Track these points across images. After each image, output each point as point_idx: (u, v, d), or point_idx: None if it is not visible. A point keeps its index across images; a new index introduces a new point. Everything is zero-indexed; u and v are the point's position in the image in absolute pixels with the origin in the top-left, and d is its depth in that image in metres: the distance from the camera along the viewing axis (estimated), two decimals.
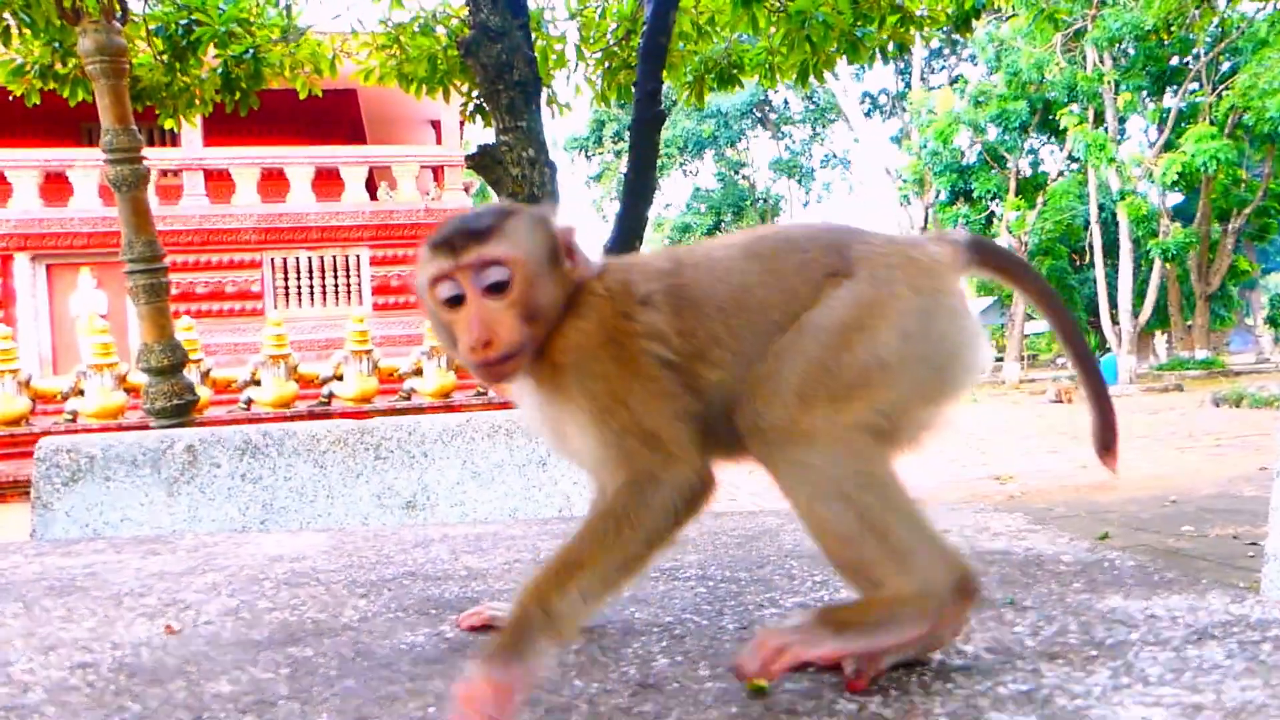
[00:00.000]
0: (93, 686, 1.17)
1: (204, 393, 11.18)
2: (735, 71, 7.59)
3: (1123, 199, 25.03)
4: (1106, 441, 1.33)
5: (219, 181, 16.32)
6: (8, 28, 5.53)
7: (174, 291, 6.26)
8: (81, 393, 11.36)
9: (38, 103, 6.58)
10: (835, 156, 42.44)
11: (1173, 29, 23.19)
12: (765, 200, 41.90)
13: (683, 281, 1.16)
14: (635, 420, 1.09)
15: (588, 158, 40.45)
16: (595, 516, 1.09)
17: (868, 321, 1.09)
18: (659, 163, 6.19)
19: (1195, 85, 25.73)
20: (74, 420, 11.13)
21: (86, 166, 15.28)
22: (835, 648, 1.05)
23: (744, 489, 7.19)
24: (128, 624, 1.47)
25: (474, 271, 1.09)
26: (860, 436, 1.08)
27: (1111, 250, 28.03)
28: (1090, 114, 26.03)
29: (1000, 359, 31.79)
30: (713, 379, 1.13)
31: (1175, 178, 23.16)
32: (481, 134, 13.77)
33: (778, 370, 1.09)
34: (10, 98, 6.56)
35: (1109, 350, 26.67)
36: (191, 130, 14.22)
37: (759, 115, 40.08)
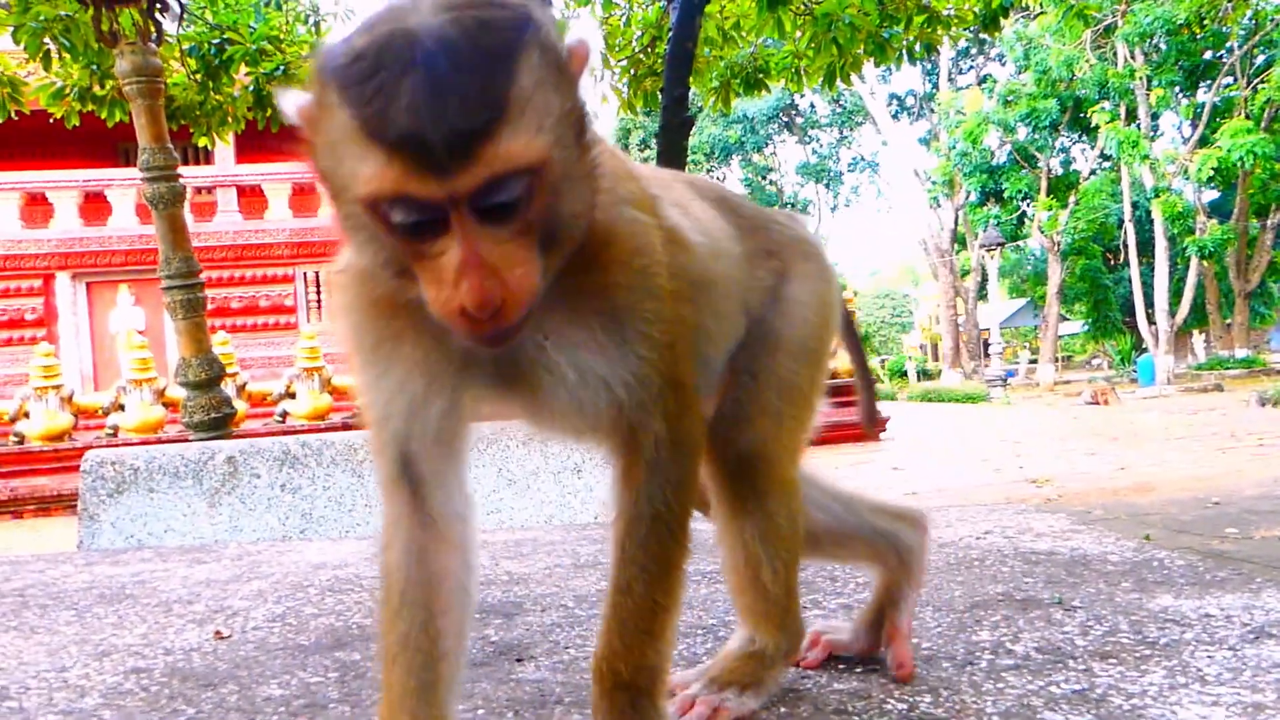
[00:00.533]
0: (147, 691, 1.19)
1: (240, 406, 11.33)
2: (761, 76, 7.57)
3: (1157, 196, 24.66)
4: (870, 416, 1.31)
5: (252, 197, 16.54)
6: (48, 52, 5.64)
7: (209, 307, 6.35)
8: (122, 407, 11.54)
9: (77, 124, 6.71)
10: (863, 159, 42.19)
11: (1205, 22, 22.84)
12: (793, 205, 41.77)
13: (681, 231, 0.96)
14: (678, 378, 0.89)
15: None
16: (638, 537, 0.94)
17: (825, 338, 1.08)
18: (687, 169, 6.18)
19: (1230, 79, 25.32)
20: (115, 435, 11.31)
21: (124, 185, 15.54)
22: (750, 706, 1.02)
23: None
24: (178, 630, 1.50)
25: (473, 195, 0.69)
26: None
27: (1146, 249, 27.62)
28: (1122, 111, 25.69)
29: (1034, 361, 31.42)
30: (708, 352, 1.01)
31: (1211, 174, 22.78)
32: None
33: (771, 399, 1.04)
34: (50, 120, 6.69)
35: (1145, 351, 26.27)
36: (224, 148, 14.43)
37: (786, 120, 39.97)
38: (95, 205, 16.17)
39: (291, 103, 0.79)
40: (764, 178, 41.84)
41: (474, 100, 0.66)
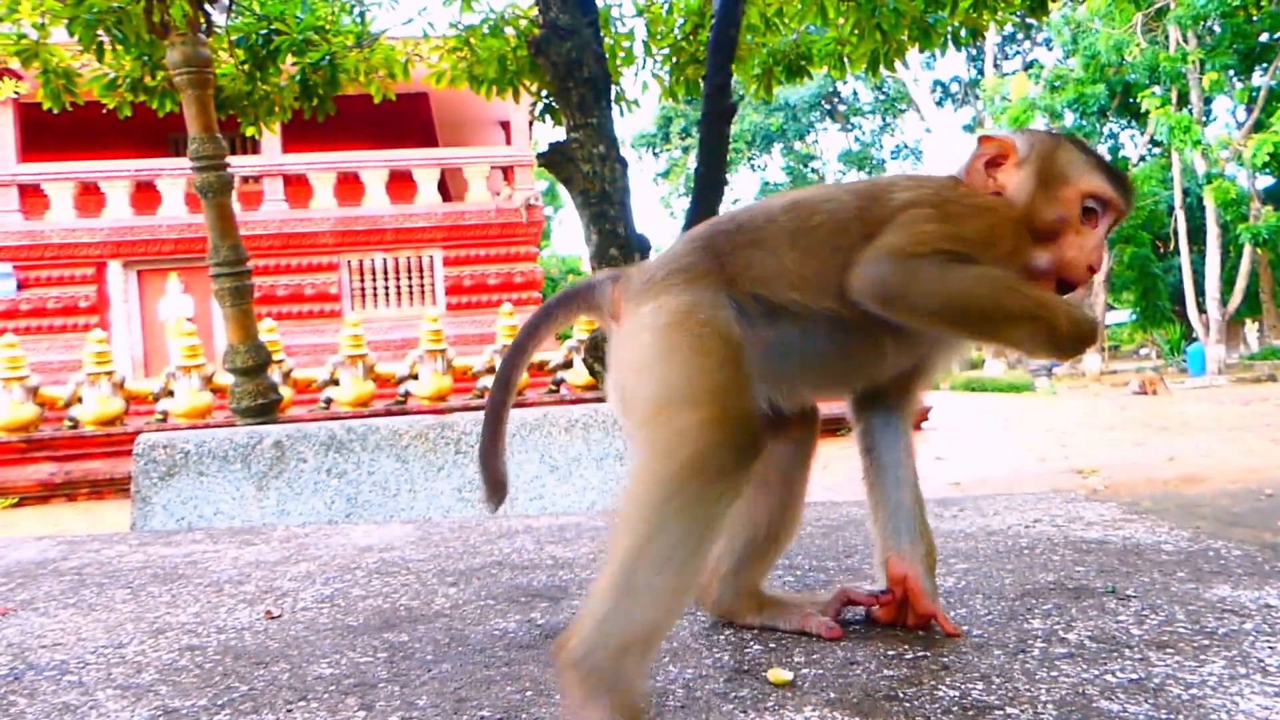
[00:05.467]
0: (201, 668, 1.21)
1: (286, 393, 11.50)
2: (804, 63, 7.49)
3: (1209, 183, 24.06)
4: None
5: (297, 186, 16.75)
6: (101, 43, 5.75)
7: (256, 294, 6.46)
8: (171, 393, 11.78)
9: (129, 115, 6.83)
10: (906, 147, 41.69)
11: (1262, 4, 22.20)
12: None
13: None
14: None
15: (655, 154, 40.45)
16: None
17: None
18: (728, 157, 6.15)
19: None
20: (165, 420, 11.54)
21: (173, 175, 15.82)
22: None
23: (817, 481, 7.12)
24: (230, 609, 1.52)
25: (1120, 216, 1.20)
26: None
27: (1197, 236, 27.01)
28: (1173, 96, 25.09)
29: None
30: None
31: (1266, 159, 22.18)
32: (550, 134, 13.90)
33: None
34: (103, 111, 6.82)
35: (1195, 340, 25.72)
36: (271, 137, 14.62)
37: (828, 107, 39.60)
38: (146, 195, 16.50)
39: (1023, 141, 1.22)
40: (806, 165, 41.53)
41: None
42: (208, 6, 5.40)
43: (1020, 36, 34.77)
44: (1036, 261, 1.14)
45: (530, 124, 17.26)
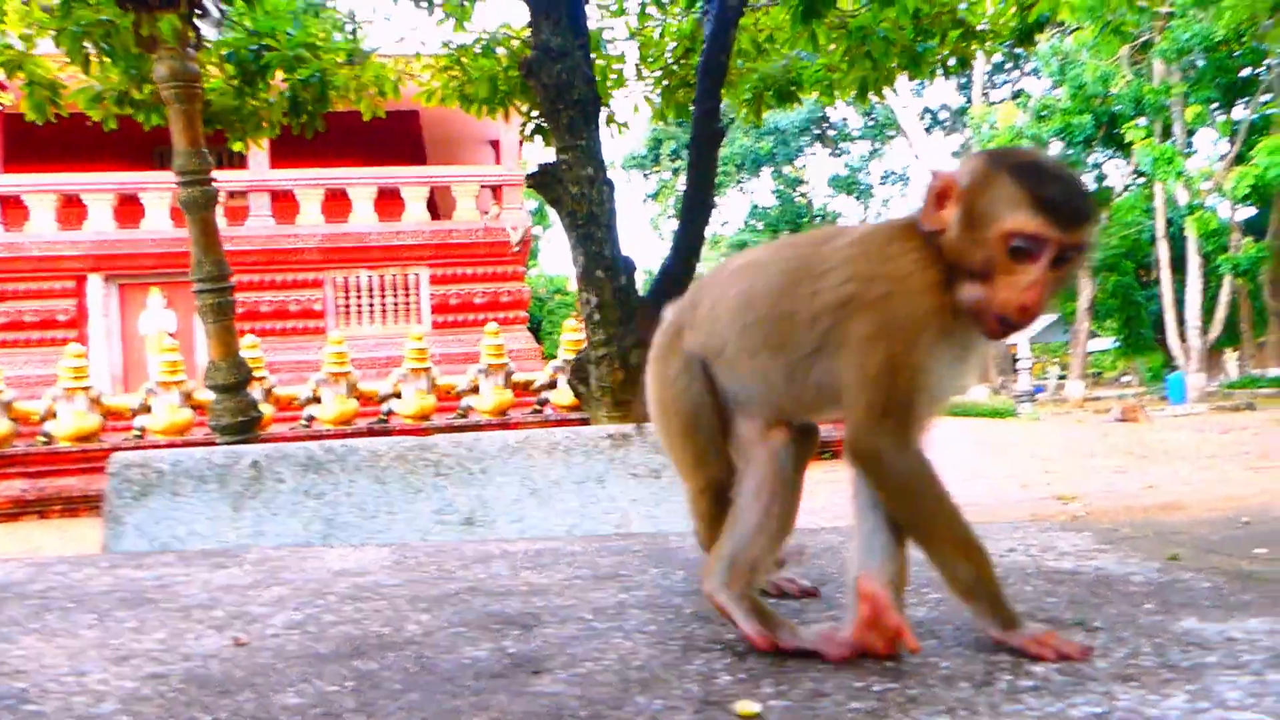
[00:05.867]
0: (164, 697, 1.20)
1: (267, 410, 11.43)
2: (794, 88, 7.56)
3: (1191, 213, 24.35)
4: None
5: (284, 202, 16.74)
6: (88, 56, 5.74)
7: (239, 310, 6.42)
8: (150, 409, 11.70)
9: (114, 128, 6.82)
10: (895, 173, 42.06)
11: (1244, 39, 22.54)
12: (823, 218, 41.65)
13: None
14: None
15: (645, 176, 40.64)
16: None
17: None
18: (716, 180, 6.18)
19: (1267, 96, 24.99)
20: (142, 436, 11.46)
21: (158, 189, 15.79)
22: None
23: (803, 505, 7.11)
24: (197, 636, 1.51)
25: (1067, 248, 1.11)
26: None
27: (1179, 266, 27.28)
28: (1157, 127, 25.43)
29: (1064, 377, 31.07)
30: None
31: (1246, 191, 22.48)
32: (540, 153, 13.95)
33: None
34: (88, 123, 6.80)
35: (1176, 368, 25.93)
36: (259, 152, 14.63)
37: (817, 132, 39.92)
38: (129, 208, 16.44)
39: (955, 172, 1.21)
40: (794, 189, 41.79)
41: (1088, 208, 1.13)
42: (198, 21, 5.41)
43: (1009, 66, 35.20)
44: (967, 297, 1.15)
45: (520, 144, 17.30)
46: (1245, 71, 25.61)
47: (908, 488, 1.21)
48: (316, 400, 12.13)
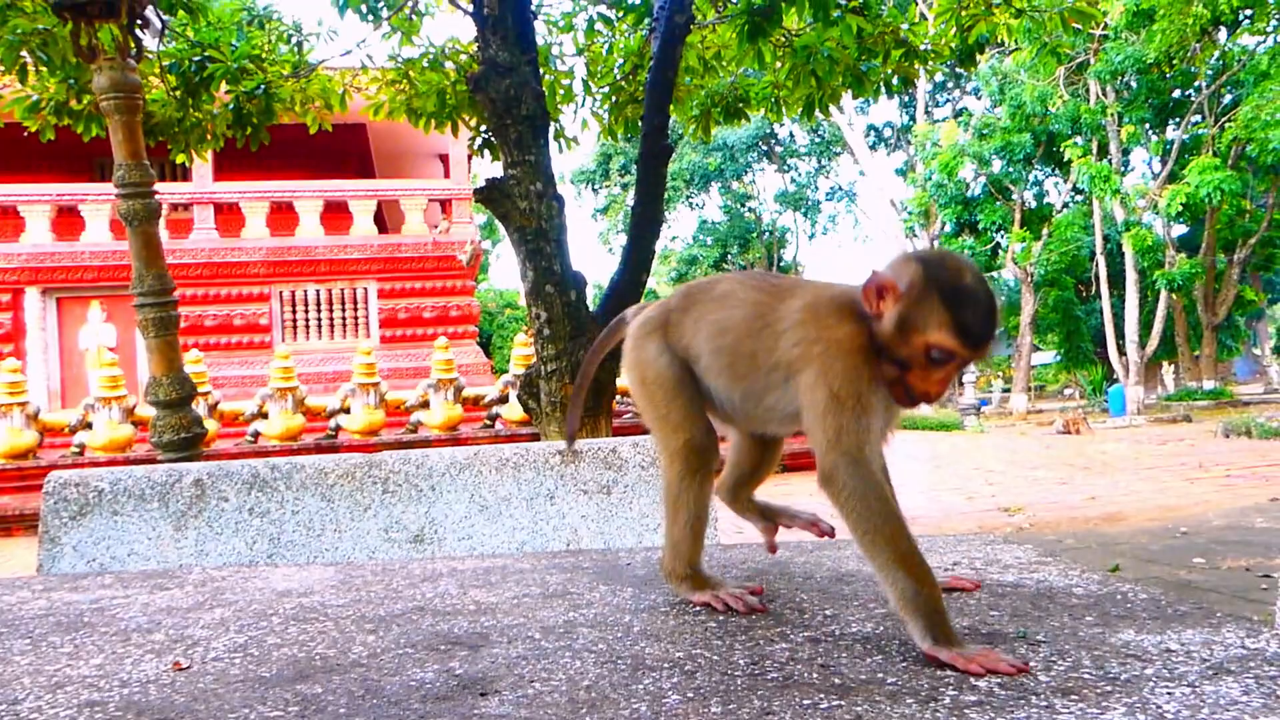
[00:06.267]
0: None
1: (212, 426, 11.20)
2: (741, 105, 7.65)
3: (1127, 230, 25.05)
4: None
5: (229, 215, 16.46)
6: (24, 65, 5.60)
7: (183, 324, 6.29)
8: (89, 426, 11.39)
9: (52, 138, 6.66)
10: (841, 189, 42.60)
11: (1175, 62, 23.31)
12: (771, 233, 42.04)
13: None
14: None
15: (595, 191, 40.69)
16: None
17: None
18: (665, 195, 6.21)
19: (1198, 117, 25.83)
20: (81, 453, 11.15)
21: (98, 201, 15.43)
22: None
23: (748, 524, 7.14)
24: (135, 661, 1.47)
25: (972, 359, 1.37)
26: None
27: (1117, 281, 28.02)
28: (1094, 146, 26.14)
29: (1008, 390, 31.68)
30: None
31: (1180, 209, 23.19)
32: (489, 168, 13.90)
33: None
34: (25, 134, 6.63)
35: (1116, 380, 26.58)
36: (202, 165, 14.37)
37: (765, 148, 40.31)
38: (68, 220, 16.04)
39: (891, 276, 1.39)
40: (743, 205, 42.13)
41: (994, 335, 1.35)
42: (139, 31, 5.30)
43: (950, 85, 35.95)
44: (887, 371, 1.40)
45: (469, 158, 17.24)
46: (1177, 93, 26.47)
47: (857, 503, 1.37)
48: (263, 416, 11.91)
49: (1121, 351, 26.87)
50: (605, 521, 3.16)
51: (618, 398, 12.27)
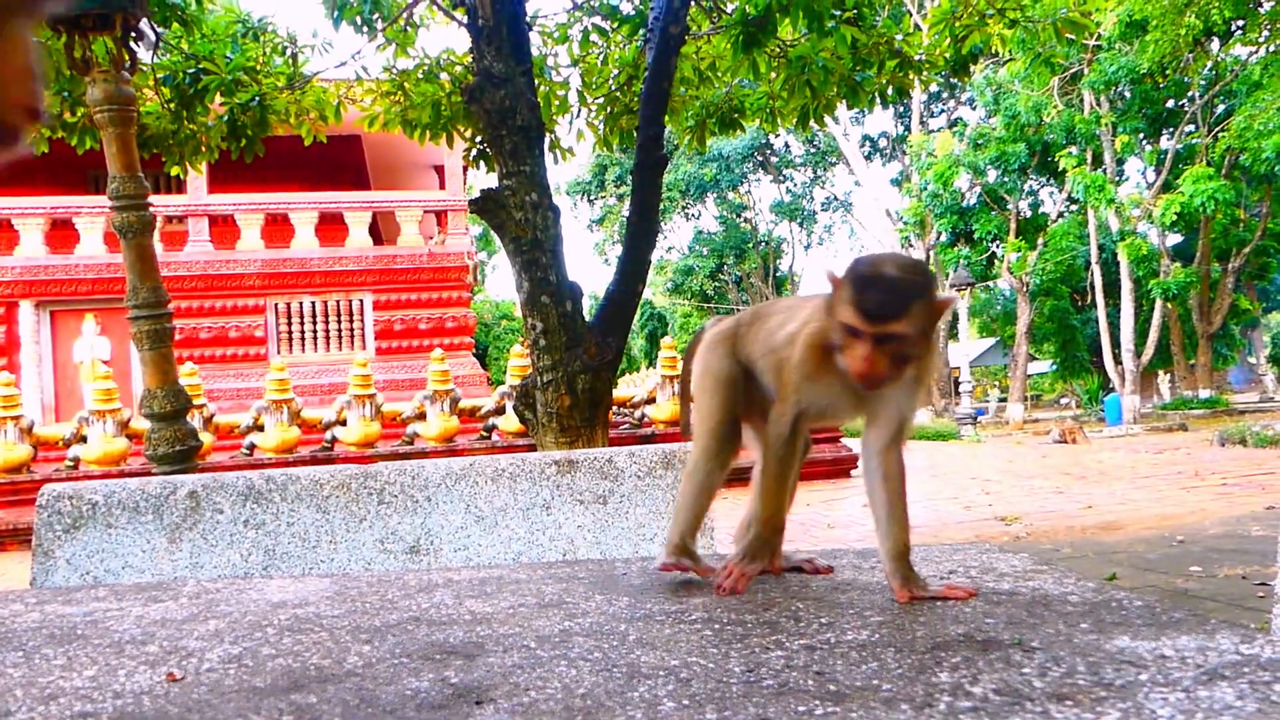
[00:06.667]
0: None
1: (207, 438, 11.17)
2: (736, 116, 7.68)
3: (1122, 239, 25.14)
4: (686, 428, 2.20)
5: (223, 228, 16.46)
6: None
7: (178, 337, 6.28)
8: (84, 439, 11.35)
9: (46, 151, 6.66)
10: (836, 199, 42.74)
11: (1168, 72, 23.44)
12: (767, 243, 42.12)
13: None
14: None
15: (590, 202, 40.78)
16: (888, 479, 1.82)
17: None
18: (661, 206, 6.22)
19: (1191, 127, 25.98)
20: (75, 467, 11.11)
21: (92, 213, 15.42)
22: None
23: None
24: (129, 672, 1.46)
25: (882, 335, 1.55)
26: None
27: (1113, 290, 28.09)
28: (1089, 156, 26.26)
29: (1004, 399, 31.72)
30: None
31: (1174, 218, 23.28)
32: (484, 179, 13.93)
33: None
34: None
35: (1112, 390, 26.63)
36: (197, 177, 14.38)
37: (760, 159, 40.44)
38: (62, 233, 16.03)
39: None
40: (739, 215, 42.22)
41: (894, 311, 1.55)
42: (133, 44, 5.32)
43: (945, 96, 36.09)
44: (840, 359, 1.63)
45: (465, 169, 17.26)
46: (1170, 103, 26.62)
47: (769, 455, 1.80)
48: (258, 428, 11.88)
49: (1117, 360, 26.93)
50: (601, 531, 3.15)
51: (614, 409, 12.24)
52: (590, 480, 3.19)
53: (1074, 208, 30.18)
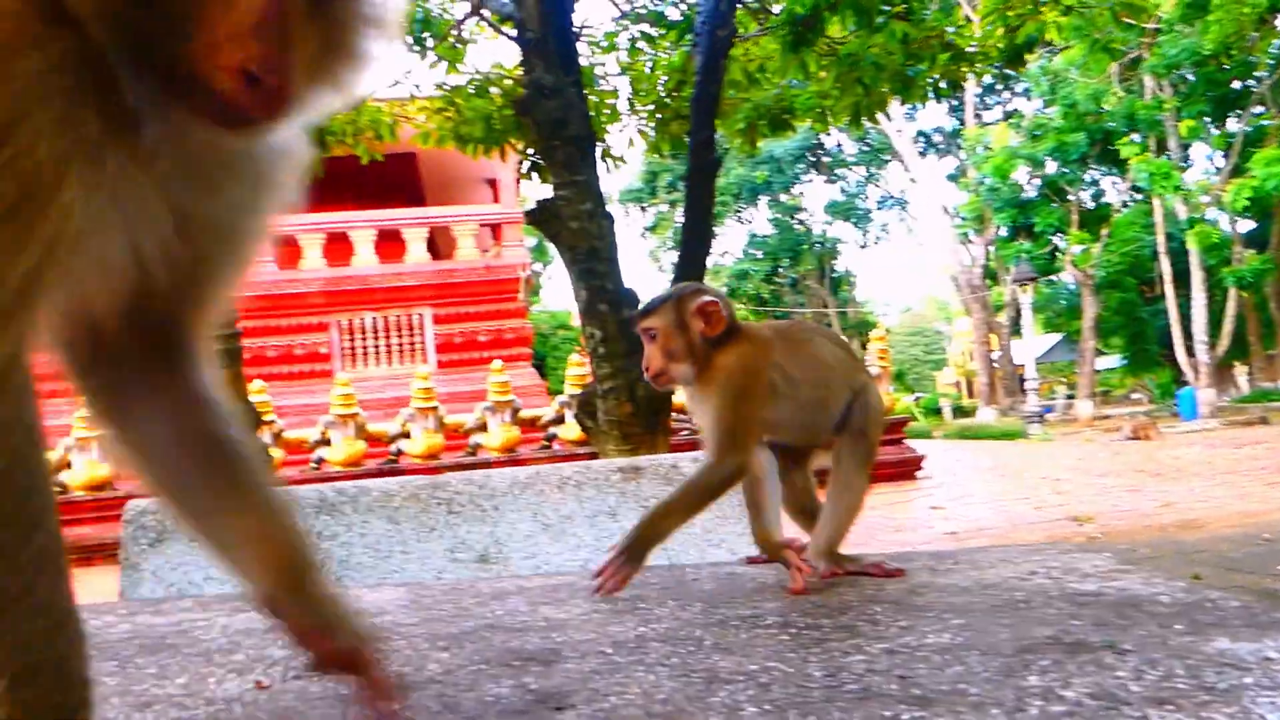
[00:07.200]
0: None
1: (276, 454, 11.42)
2: (787, 116, 7.62)
3: (1191, 227, 24.37)
4: None
5: (286, 248, 16.82)
6: None
7: (246, 356, 6.43)
8: None
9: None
10: (891, 197, 42.22)
11: (1233, 52, 22.70)
12: (822, 244, 41.77)
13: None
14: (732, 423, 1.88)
15: (642, 209, 40.86)
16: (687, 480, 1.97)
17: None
18: (714, 210, 6.20)
19: (1260, 108, 25.13)
20: None
21: None
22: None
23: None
24: (219, 680, 1.50)
25: (647, 330, 1.93)
26: None
27: (1183, 280, 27.24)
28: (1152, 143, 25.55)
29: (1072, 396, 30.99)
30: (816, 400, 1.99)
31: (1245, 203, 22.50)
32: (538, 191, 14.04)
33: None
34: None
35: (1185, 383, 25.83)
36: None
37: (813, 159, 40.13)
38: None
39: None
40: (792, 217, 41.93)
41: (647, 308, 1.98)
42: None
43: (1000, 87, 35.42)
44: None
45: (518, 181, 17.42)
46: (1236, 84, 25.77)
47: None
48: (325, 443, 12.12)
49: (1190, 353, 26.11)
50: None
51: (674, 415, 12.22)
52: (654, 486, 3.19)
53: (1138, 197, 29.37)
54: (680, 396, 2.29)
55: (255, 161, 0.90)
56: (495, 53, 9.00)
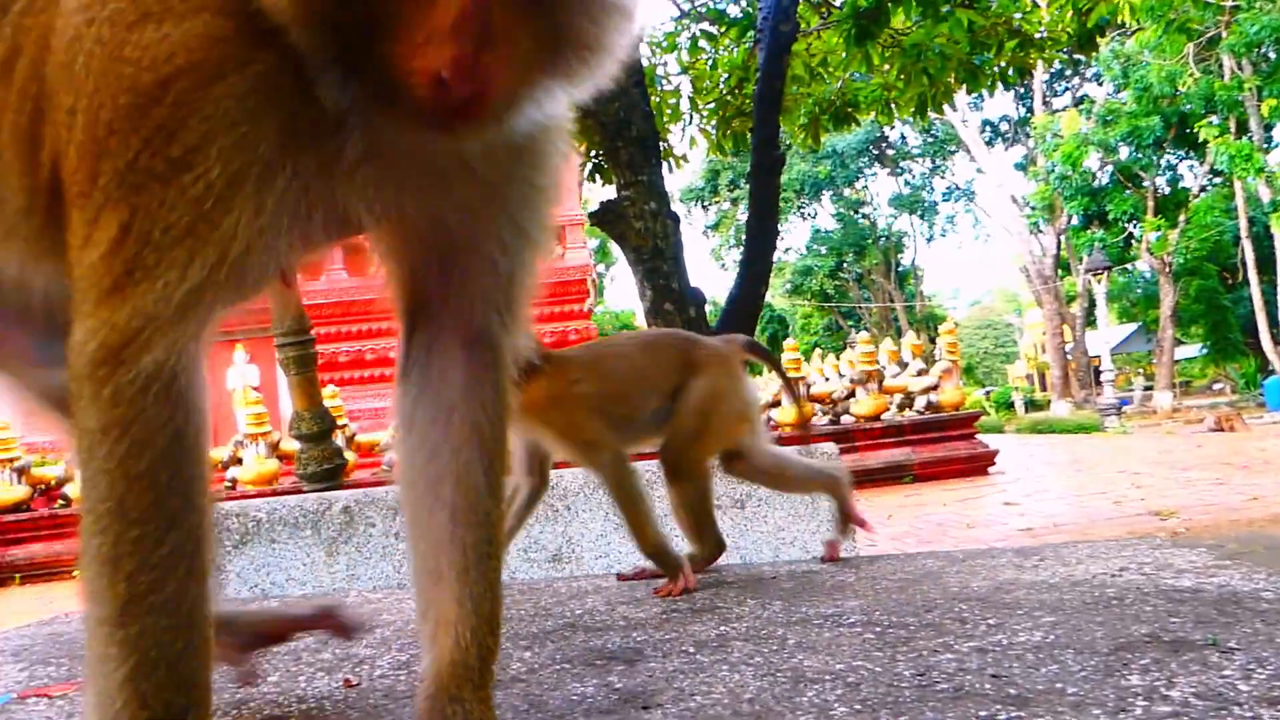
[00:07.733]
0: None
1: (349, 457, 11.66)
2: (850, 110, 7.53)
3: (1275, 210, 23.46)
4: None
5: (356, 256, 17.16)
6: None
7: (319, 361, 6.55)
8: (239, 461, 12.02)
9: None
10: (958, 188, 41.41)
11: None
12: (887, 238, 41.18)
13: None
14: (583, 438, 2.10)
15: (704, 208, 40.73)
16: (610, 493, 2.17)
17: (712, 403, 2.19)
18: (778, 207, 6.15)
19: None
20: (234, 487, 11.76)
21: None
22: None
23: (883, 531, 6.96)
24: (309, 679, 1.53)
25: None
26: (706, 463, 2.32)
27: (1267, 266, 26.23)
28: (1232, 124, 24.63)
29: (1149, 388, 30.05)
30: (621, 413, 2.16)
31: None
32: (599, 192, 14.09)
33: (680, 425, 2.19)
34: None
35: (1272, 373, 24.85)
36: None
37: (876, 152, 39.58)
38: None
39: None
40: (856, 211, 41.43)
41: None
42: None
43: (1069, 73, 34.51)
44: None
45: (579, 183, 17.49)
46: None
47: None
48: None
49: (1276, 341, 25.13)
50: (740, 536, 3.13)
51: None
52: (726, 485, 3.17)
53: (1217, 180, 28.35)
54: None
55: (498, 160, 0.91)
56: None
